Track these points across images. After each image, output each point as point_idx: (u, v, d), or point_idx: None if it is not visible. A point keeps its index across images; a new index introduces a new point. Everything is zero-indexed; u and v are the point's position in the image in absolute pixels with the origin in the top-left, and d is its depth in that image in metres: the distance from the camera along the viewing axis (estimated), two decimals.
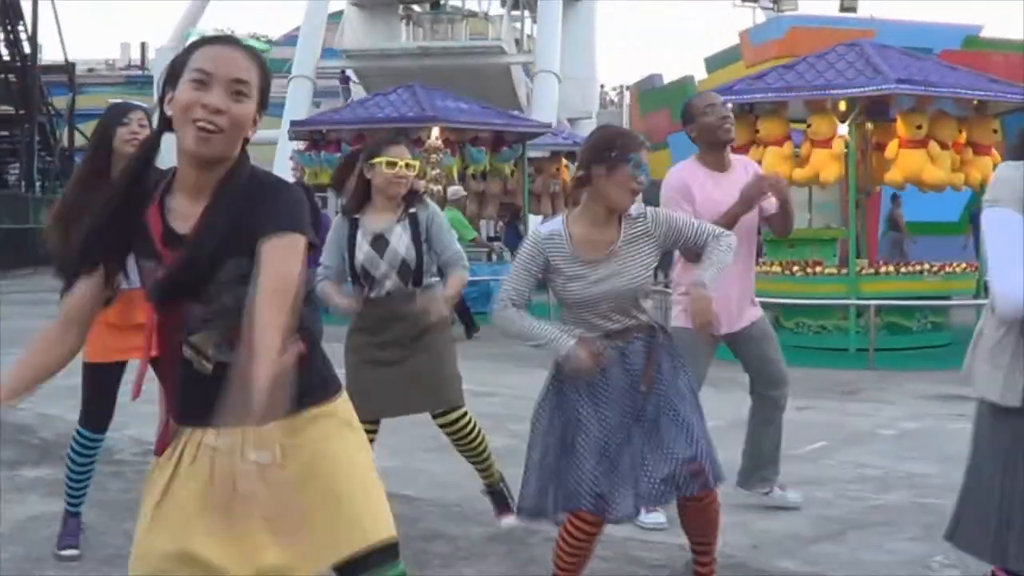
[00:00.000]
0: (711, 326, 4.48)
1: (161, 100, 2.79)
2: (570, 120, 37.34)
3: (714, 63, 29.86)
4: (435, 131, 17.73)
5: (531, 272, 4.32)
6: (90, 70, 53.22)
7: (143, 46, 57.74)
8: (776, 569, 5.30)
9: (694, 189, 5.83)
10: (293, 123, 19.77)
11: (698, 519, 4.50)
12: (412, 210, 5.45)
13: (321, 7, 36.20)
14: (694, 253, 4.62)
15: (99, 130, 5.23)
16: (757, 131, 13.44)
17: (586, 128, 37.26)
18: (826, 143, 13.18)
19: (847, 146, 13.27)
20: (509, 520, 5.59)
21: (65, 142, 40.06)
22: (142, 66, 55.57)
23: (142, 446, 8.03)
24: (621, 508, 4.24)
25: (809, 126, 13.31)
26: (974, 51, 25.81)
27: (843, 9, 30.37)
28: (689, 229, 4.43)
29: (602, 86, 51.04)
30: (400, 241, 5.39)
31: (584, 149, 4.44)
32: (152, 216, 2.78)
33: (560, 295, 4.37)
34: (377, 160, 5.36)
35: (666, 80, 34.34)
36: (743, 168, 6.08)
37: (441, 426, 5.57)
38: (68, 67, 39.87)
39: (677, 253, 5.67)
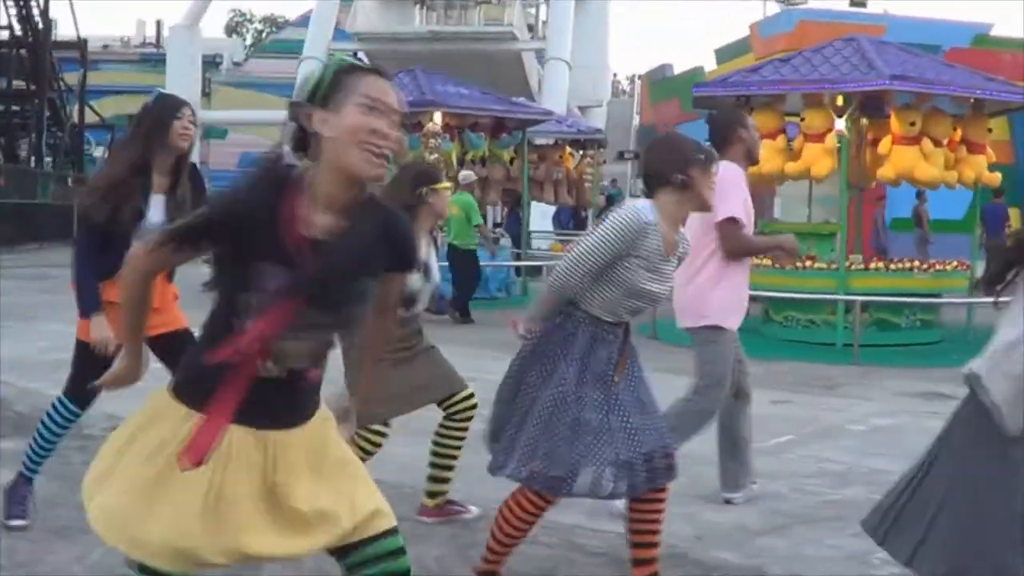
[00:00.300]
0: None
1: (299, 115, 2.87)
2: (581, 108, 37.31)
3: (724, 55, 29.85)
4: (437, 116, 17.75)
5: (615, 251, 4.44)
6: (105, 47, 53.25)
7: (159, 24, 57.78)
8: (715, 561, 5.33)
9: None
10: (292, 104, 19.73)
11: (652, 514, 4.60)
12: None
13: None
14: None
15: (153, 119, 5.26)
16: None
17: (597, 116, 37.29)
18: (819, 137, 13.17)
19: (840, 141, 13.25)
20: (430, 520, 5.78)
21: (75, 118, 40.09)
22: (157, 44, 55.59)
23: (113, 422, 8.09)
24: (579, 485, 4.38)
25: (803, 120, 13.30)
26: (984, 49, 25.77)
27: (853, 4, 30.21)
28: None
29: (615, 75, 51.04)
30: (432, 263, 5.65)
31: (674, 155, 4.60)
32: (291, 218, 2.82)
33: (619, 278, 4.47)
34: (440, 186, 5.56)
35: (676, 70, 34.36)
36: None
37: (453, 411, 5.74)
38: (80, 43, 39.85)
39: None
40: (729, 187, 5.82)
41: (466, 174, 16.84)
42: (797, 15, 27.74)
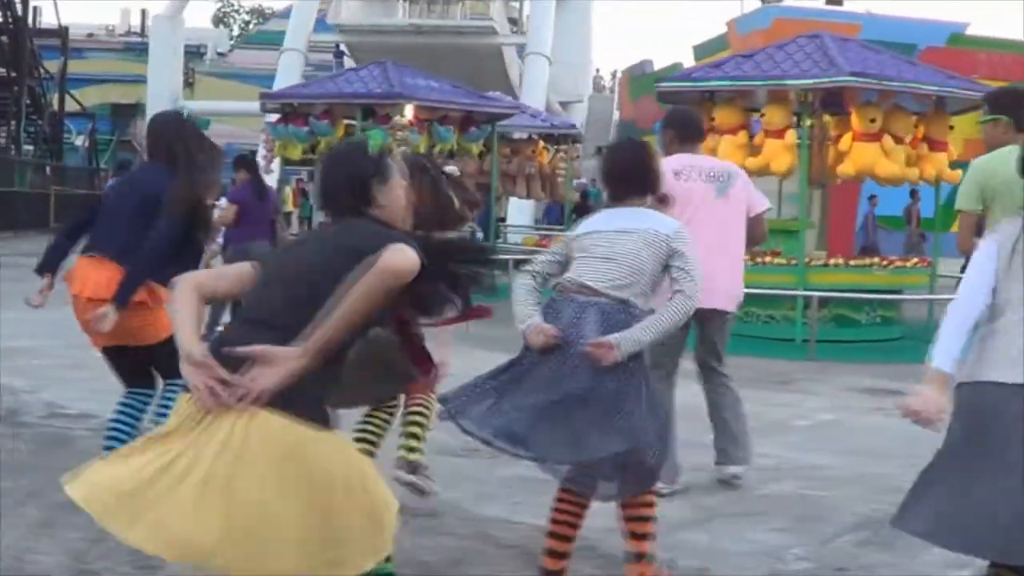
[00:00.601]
0: None
1: None
2: (562, 103, 37.32)
3: (702, 51, 29.77)
4: (409, 109, 17.77)
5: None
6: (89, 35, 53.05)
7: (143, 12, 57.59)
8: (625, 553, 5.32)
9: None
10: (263, 95, 19.83)
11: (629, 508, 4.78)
12: None
13: None
14: None
15: None
16: (713, 119, 13.41)
17: (578, 112, 37.28)
18: (779, 133, 13.17)
19: (805, 138, 13.29)
20: None
21: (55, 106, 39.98)
22: (141, 33, 55.40)
23: (50, 410, 8.10)
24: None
25: (763, 115, 13.31)
26: (959, 48, 25.83)
27: (829, 2, 30.22)
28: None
29: (597, 71, 50.96)
30: None
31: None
32: None
33: None
34: None
35: (657, 67, 34.33)
36: None
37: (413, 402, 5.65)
38: (61, 31, 39.75)
39: None
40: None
41: (451, 169, 16.75)
42: (773, 12, 27.72)
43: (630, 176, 4.82)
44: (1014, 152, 5.55)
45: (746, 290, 12.96)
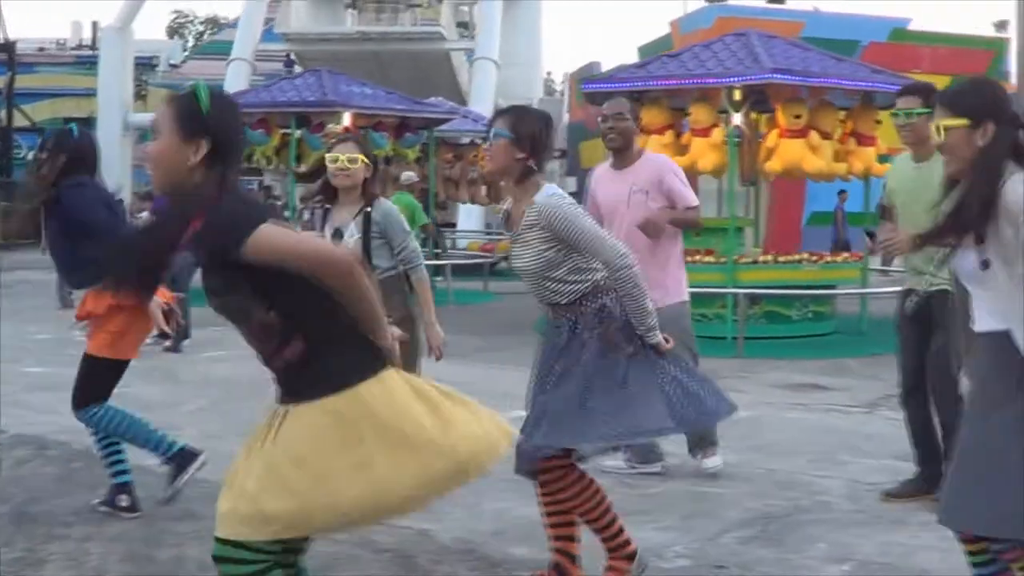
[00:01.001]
0: None
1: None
2: None
3: (647, 51, 29.74)
4: (347, 116, 17.77)
5: None
6: (40, 49, 52.65)
7: (94, 25, 57.11)
8: (504, 555, 5.31)
9: (597, 189, 6.90)
10: None
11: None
12: (368, 209, 5.95)
13: None
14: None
15: None
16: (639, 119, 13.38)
17: None
18: (705, 132, 13.22)
19: (729, 136, 13.31)
20: None
21: (4, 121, 39.69)
22: (93, 46, 55.01)
23: None
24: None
25: (688, 115, 13.34)
26: (902, 44, 26.01)
27: (772, 1, 30.34)
28: (584, 241, 4.63)
29: (548, 73, 51.03)
30: (351, 238, 5.87)
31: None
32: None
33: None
34: (326, 157, 6.02)
35: (605, 68, 34.39)
36: (645, 164, 6.91)
37: None
38: (8, 46, 39.47)
39: None
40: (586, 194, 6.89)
41: (408, 175, 16.75)
42: (716, 11, 27.80)
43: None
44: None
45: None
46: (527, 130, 4.62)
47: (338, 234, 5.86)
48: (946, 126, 3.62)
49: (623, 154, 6.86)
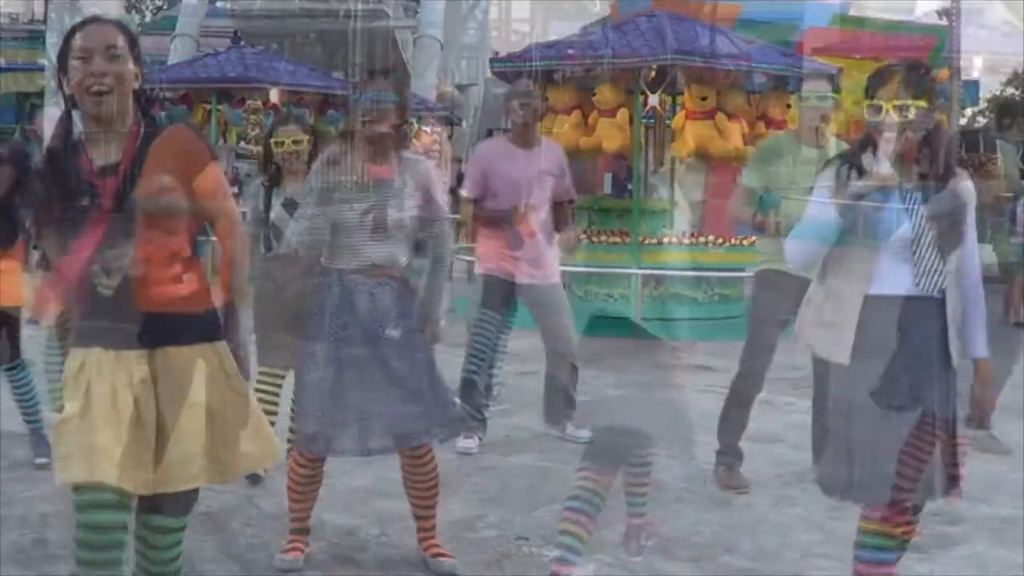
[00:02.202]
0: None
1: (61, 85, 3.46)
2: (459, 87, 37.16)
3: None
4: (274, 93, 17.79)
5: None
6: None
7: (46, 0, 56.71)
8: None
9: (495, 165, 7.05)
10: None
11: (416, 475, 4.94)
12: None
13: None
14: None
15: None
16: (547, 99, 13.39)
17: (474, 95, 37.21)
18: (611, 112, 13.18)
19: (639, 116, 13.33)
20: None
21: None
22: (45, 21, 54.56)
23: None
24: (342, 443, 4.75)
25: (594, 95, 13.30)
26: (842, 29, 26.02)
27: None
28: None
29: (496, 53, 50.62)
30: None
31: None
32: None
33: None
34: (272, 140, 6.28)
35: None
36: (549, 148, 7.30)
37: None
38: None
39: None
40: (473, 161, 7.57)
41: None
42: None
43: None
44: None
45: (585, 269, 13.28)
46: None
47: (292, 204, 5.90)
48: (917, 106, 3.95)
49: (526, 134, 7.12)
